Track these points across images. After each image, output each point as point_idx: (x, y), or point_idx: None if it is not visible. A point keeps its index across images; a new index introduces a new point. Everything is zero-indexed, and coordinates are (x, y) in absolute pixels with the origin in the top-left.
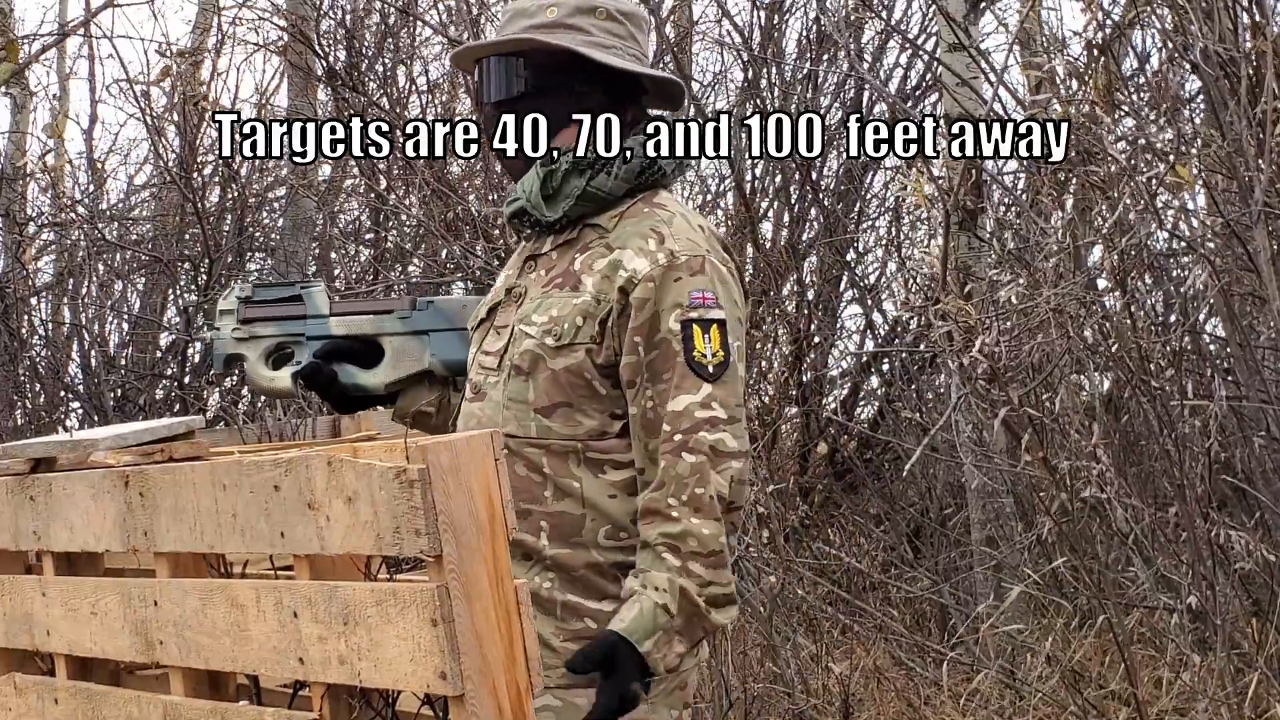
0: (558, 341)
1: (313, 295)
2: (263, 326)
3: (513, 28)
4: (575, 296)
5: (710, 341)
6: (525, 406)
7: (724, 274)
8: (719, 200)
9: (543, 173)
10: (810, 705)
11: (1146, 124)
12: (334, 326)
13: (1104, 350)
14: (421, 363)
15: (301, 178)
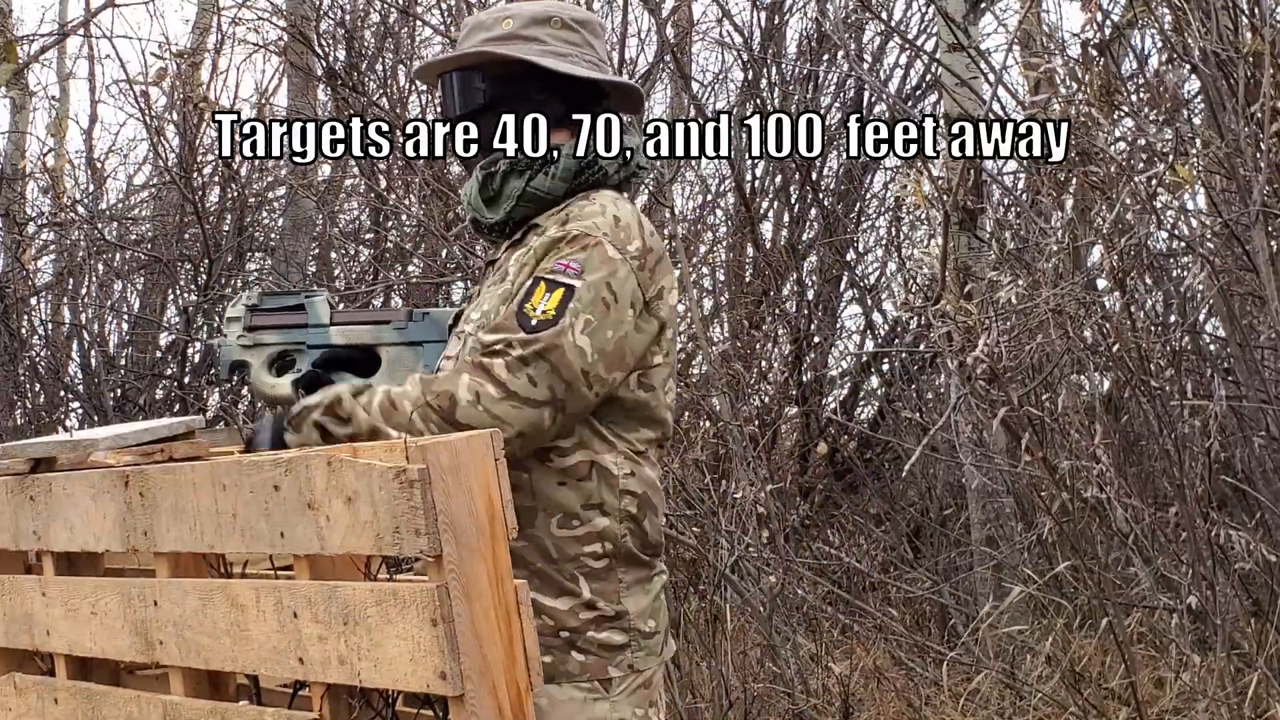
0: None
1: (314, 304)
2: (267, 334)
3: (470, 41)
4: (499, 287)
5: (548, 300)
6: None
7: (611, 257)
8: (719, 200)
9: (480, 175)
10: (810, 705)
11: (1146, 124)
12: (334, 335)
13: (1104, 350)
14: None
15: (301, 178)
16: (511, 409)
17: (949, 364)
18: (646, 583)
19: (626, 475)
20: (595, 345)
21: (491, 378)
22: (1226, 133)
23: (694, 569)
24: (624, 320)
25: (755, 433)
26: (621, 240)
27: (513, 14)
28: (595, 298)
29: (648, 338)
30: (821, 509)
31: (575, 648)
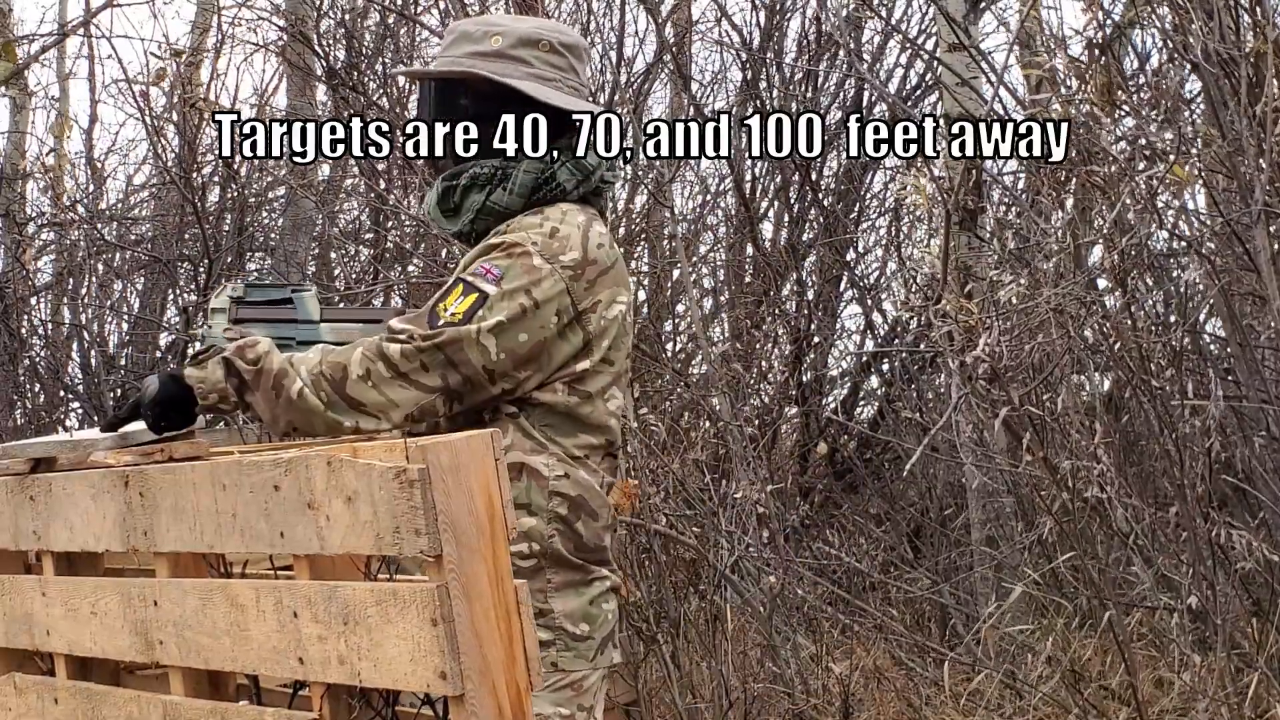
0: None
1: (304, 300)
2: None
3: (456, 51)
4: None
5: (460, 303)
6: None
7: (535, 266)
8: (719, 200)
9: (441, 187)
10: (810, 705)
11: (1147, 123)
12: (324, 333)
13: (1104, 350)
14: None
15: (301, 178)
16: (400, 389)
17: (950, 363)
18: (581, 586)
19: (558, 477)
20: (502, 345)
21: (384, 358)
22: (1228, 131)
23: (694, 569)
24: (545, 326)
25: (755, 433)
26: (554, 251)
27: (502, 31)
28: (511, 304)
29: (571, 347)
30: (821, 509)
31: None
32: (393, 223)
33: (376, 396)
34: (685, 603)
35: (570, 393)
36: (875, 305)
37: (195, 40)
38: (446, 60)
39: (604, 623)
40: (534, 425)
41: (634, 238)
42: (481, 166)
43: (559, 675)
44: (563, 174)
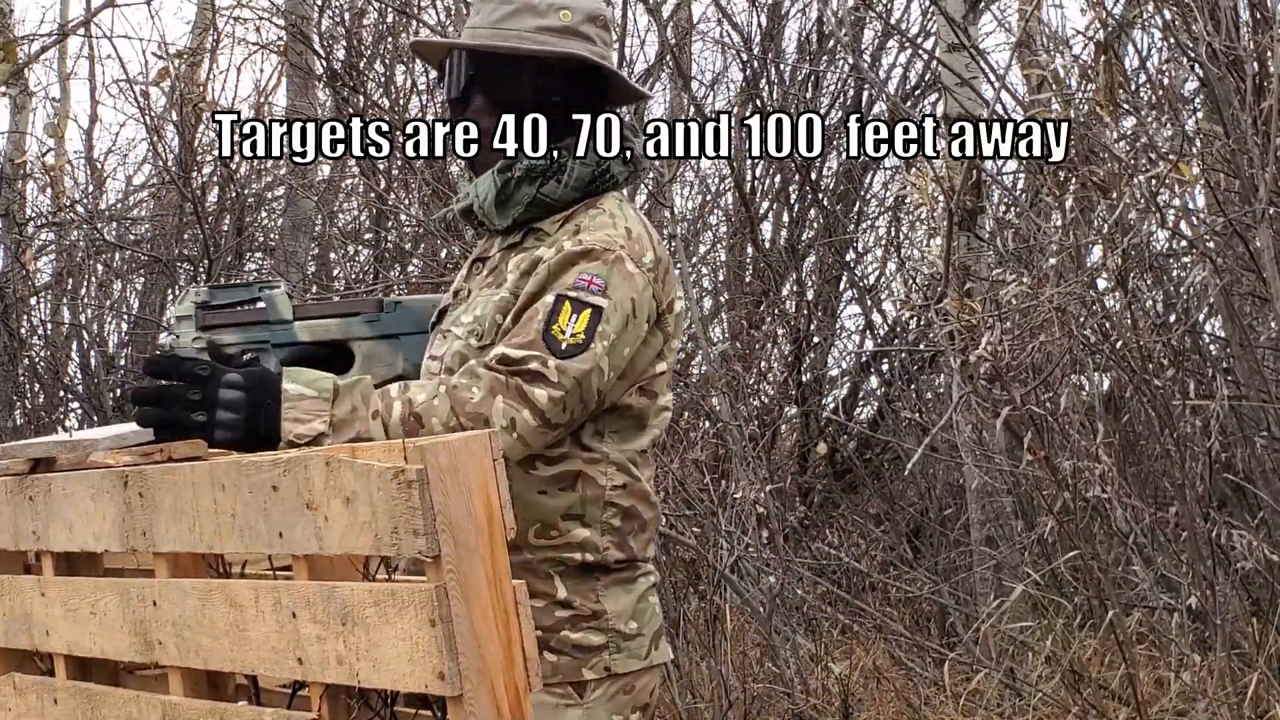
0: (480, 341)
1: (274, 300)
2: (225, 334)
3: (519, 24)
4: (495, 294)
5: (575, 322)
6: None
7: (631, 273)
8: (719, 200)
9: (500, 180)
10: (810, 705)
11: (1148, 123)
12: (300, 332)
13: (1105, 350)
14: (395, 368)
15: (301, 178)
16: (540, 435)
17: (951, 363)
18: (628, 584)
19: (615, 487)
20: (612, 364)
21: (529, 404)
22: (1232, 130)
23: (694, 569)
24: (639, 336)
25: (755, 433)
26: (637, 253)
27: (570, 5)
28: (619, 316)
29: (654, 351)
30: (821, 509)
31: (548, 648)
32: (393, 223)
33: (521, 448)
34: (685, 603)
35: (641, 395)
36: (875, 305)
37: (195, 40)
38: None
39: (652, 617)
40: (603, 430)
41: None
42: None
43: (611, 681)
44: (616, 165)
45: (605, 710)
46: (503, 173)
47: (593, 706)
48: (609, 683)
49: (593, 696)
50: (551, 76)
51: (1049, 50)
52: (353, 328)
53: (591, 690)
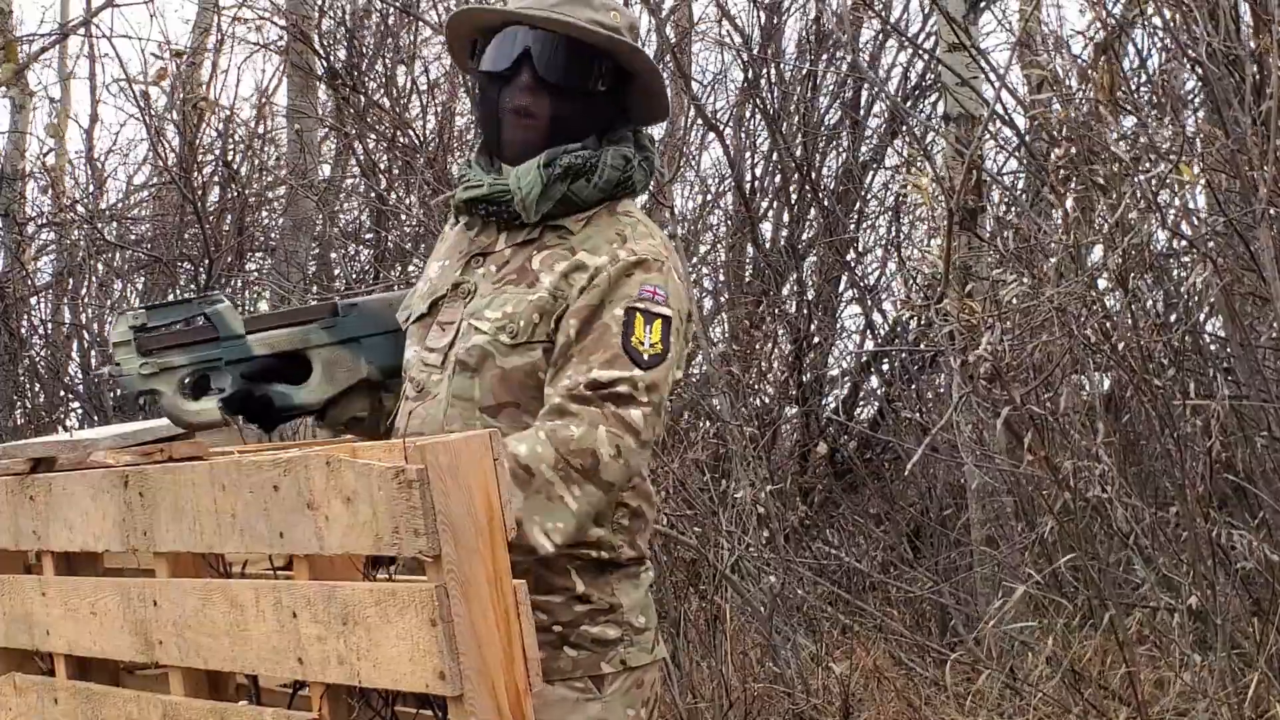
0: (513, 339)
1: (221, 315)
2: (173, 355)
3: (575, 12)
4: (530, 293)
5: (651, 333)
6: (471, 405)
7: (678, 281)
8: (719, 200)
9: (547, 175)
10: (810, 705)
11: (1148, 123)
12: (254, 346)
13: (1106, 350)
14: (358, 372)
15: (301, 178)
16: (641, 455)
17: (951, 363)
18: (636, 579)
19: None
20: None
21: (630, 429)
22: (1231, 130)
23: (694, 569)
24: (686, 344)
25: (755, 433)
26: (675, 263)
27: (619, 8)
28: (679, 325)
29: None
30: (821, 509)
31: (568, 643)
32: (393, 223)
33: (626, 472)
34: (685, 603)
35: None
36: (875, 305)
37: (196, 40)
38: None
39: (654, 613)
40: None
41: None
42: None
43: (626, 674)
44: (638, 173)
45: (621, 704)
46: (548, 167)
47: (610, 700)
48: (624, 676)
49: (610, 690)
50: (604, 70)
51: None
52: (310, 336)
53: (609, 684)
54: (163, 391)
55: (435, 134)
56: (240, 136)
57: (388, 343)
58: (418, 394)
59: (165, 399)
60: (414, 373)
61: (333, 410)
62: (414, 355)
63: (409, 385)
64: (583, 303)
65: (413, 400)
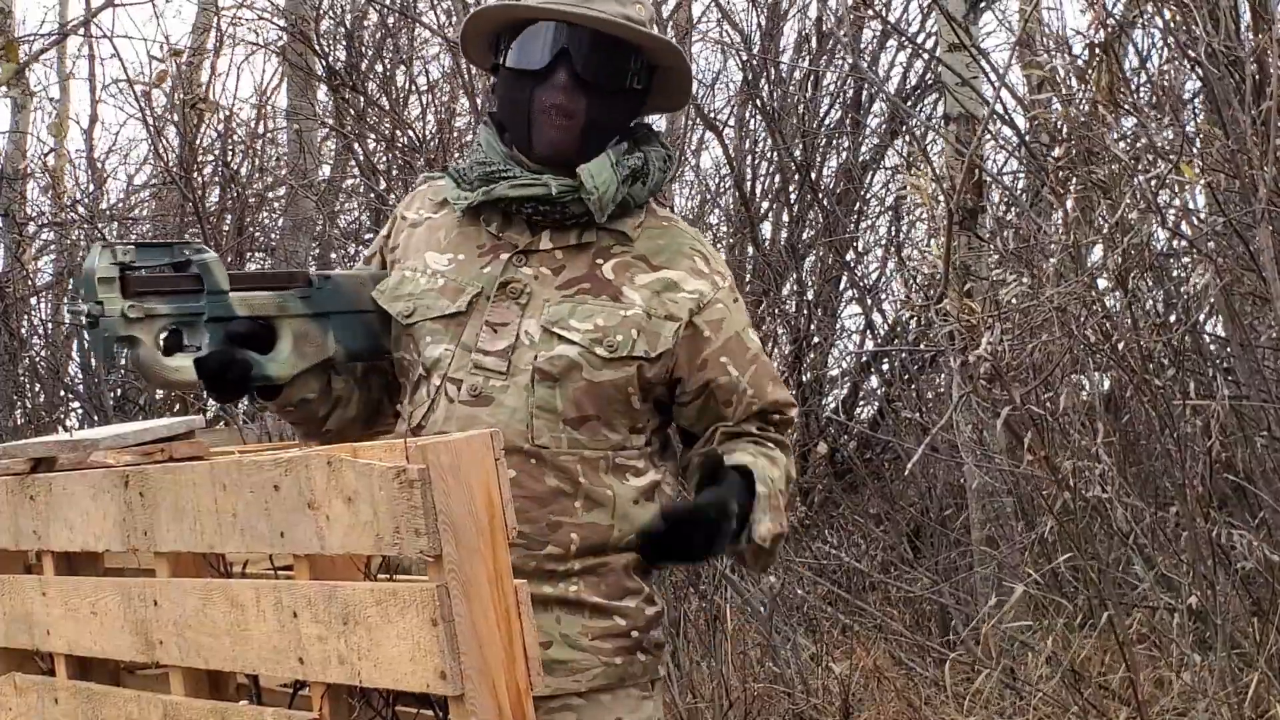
0: (611, 353)
1: (210, 266)
2: (156, 303)
3: (606, 7)
4: (622, 308)
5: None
6: (555, 417)
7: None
8: (719, 200)
9: (620, 174)
10: (810, 705)
11: (1148, 123)
12: (236, 305)
13: (1105, 350)
14: (325, 349)
15: (301, 177)
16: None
17: (951, 363)
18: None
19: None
20: None
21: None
22: (1231, 131)
23: (694, 569)
24: None
25: None
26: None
27: (641, 1)
28: None
29: None
30: (821, 509)
31: (641, 648)
32: None
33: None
34: (685, 603)
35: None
36: (875, 305)
37: (196, 40)
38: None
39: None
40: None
41: None
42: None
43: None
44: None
45: (658, 706)
46: (622, 163)
47: (658, 700)
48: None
49: (656, 691)
50: (637, 66)
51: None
52: (288, 303)
53: (659, 686)
54: (142, 341)
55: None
56: (240, 136)
57: (357, 323)
58: (473, 399)
59: (144, 350)
60: (457, 373)
61: (288, 388)
62: (448, 354)
63: (456, 387)
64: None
65: (464, 403)
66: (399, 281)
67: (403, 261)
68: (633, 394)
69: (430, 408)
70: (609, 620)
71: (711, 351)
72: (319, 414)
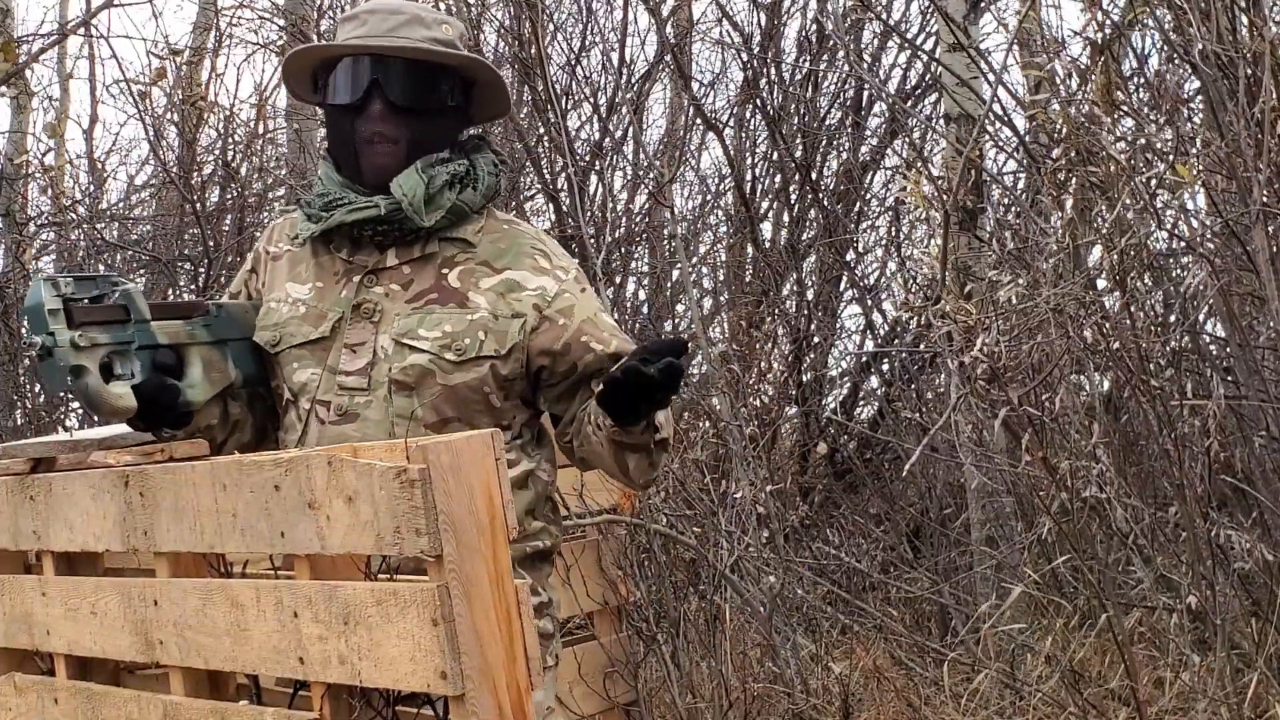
0: (460, 356)
1: (133, 296)
2: (97, 332)
3: (413, 33)
4: (469, 313)
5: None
6: (416, 423)
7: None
8: (719, 200)
9: (425, 178)
10: (810, 705)
11: (1146, 124)
12: (158, 333)
13: (1104, 350)
14: (228, 375)
15: (301, 178)
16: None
17: (949, 364)
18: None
19: (550, 482)
20: None
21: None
22: (1226, 132)
23: (694, 569)
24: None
25: (755, 433)
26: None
27: (449, 20)
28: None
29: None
30: (821, 509)
31: None
32: None
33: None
34: (685, 603)
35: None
36: (875, 305)
37: (196, 40)
38: (409, 43)
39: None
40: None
41: (634, 238)
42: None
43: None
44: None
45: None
46: (427, 170)
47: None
48: (551, 671)
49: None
50: (451, 84)
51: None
52: (195, 331)
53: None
54: (88, 369)
55: None
56: (240, 136)
57: (248, 349)
58: (340, 417)
59: (91, 379)
60: (325, 395)
61: (197, 415)
62: (315, 378)
63: (319, 409)
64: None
65: (333, 423)
66: (265, 313)
67: (267, 294)
68: (490, 393)
69: (303, 431)
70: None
71: (572, 335)
72: (218, 439)
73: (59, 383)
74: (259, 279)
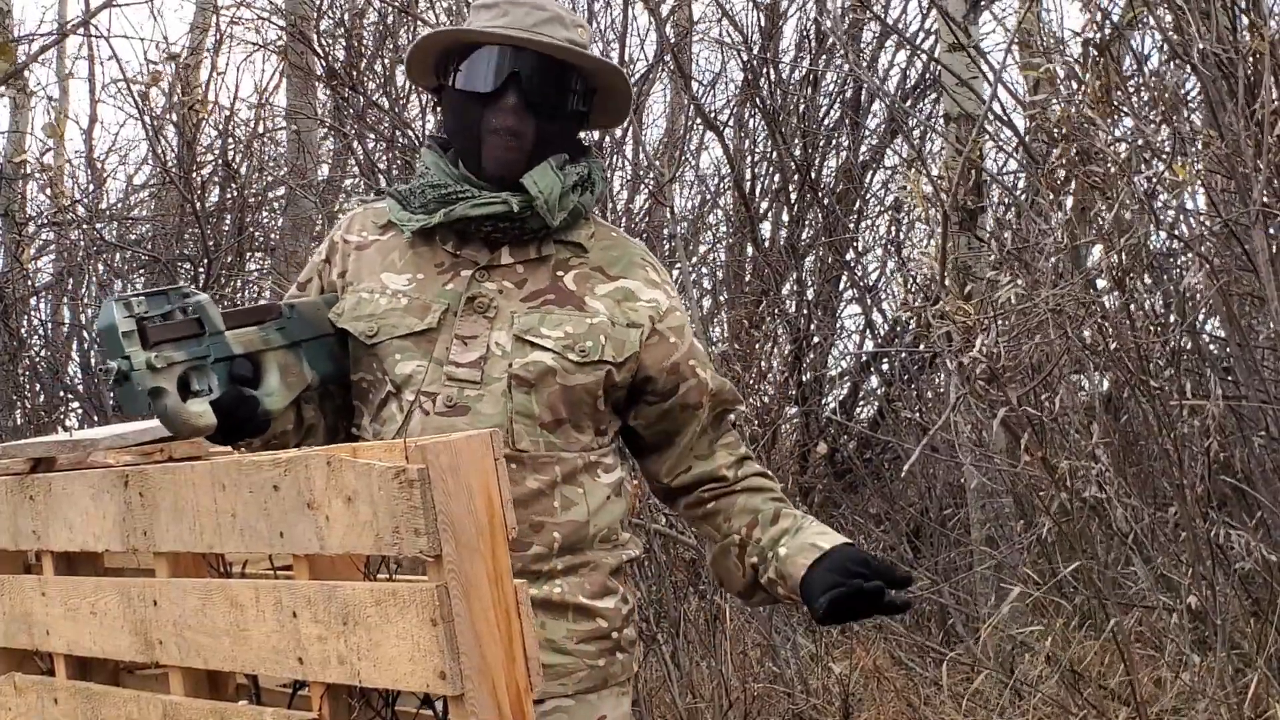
0: (583, 357)
1: (205, 308)
2: (171, 350)
3: (554, 32)
4: (588, 316)
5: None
6: (532, 421)
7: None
8: (719, 200)
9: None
10: (810, 705)
11: (1145, 124)
12: (233, 343)
13: (1103, 350)
14: (305, 378)
15: (301, 177)
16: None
17: (948, 364)
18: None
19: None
20: None
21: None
22: (1225, 132)
23: (694, 569)
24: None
25: (755, 433)
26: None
27: (583, 23)
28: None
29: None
30: (821, 509)
31: (620, 648)
32: None
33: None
34: (685, 603)
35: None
36: (875, 305)
37: (195, 40)
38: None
39: None
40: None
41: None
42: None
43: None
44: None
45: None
46: (563, 169)
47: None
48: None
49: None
50: (581, 89)
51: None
52: (270, 336)
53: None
54: (166, 390)
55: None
56: (240, 136)
57: (324, 348)
58: (448, 408)
59: (170, 399)
60: (430, 387)
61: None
62: (421, 369)
63: (424, 400)
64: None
65: (440, 414)
66: (356, 303)
67: (356, 284)
68: (599, 397)
69: (405, 422)
70: (592, 623)
71: (681, 356)
72: (292, 445)
73: (138, 407)
74: (333, 269)
